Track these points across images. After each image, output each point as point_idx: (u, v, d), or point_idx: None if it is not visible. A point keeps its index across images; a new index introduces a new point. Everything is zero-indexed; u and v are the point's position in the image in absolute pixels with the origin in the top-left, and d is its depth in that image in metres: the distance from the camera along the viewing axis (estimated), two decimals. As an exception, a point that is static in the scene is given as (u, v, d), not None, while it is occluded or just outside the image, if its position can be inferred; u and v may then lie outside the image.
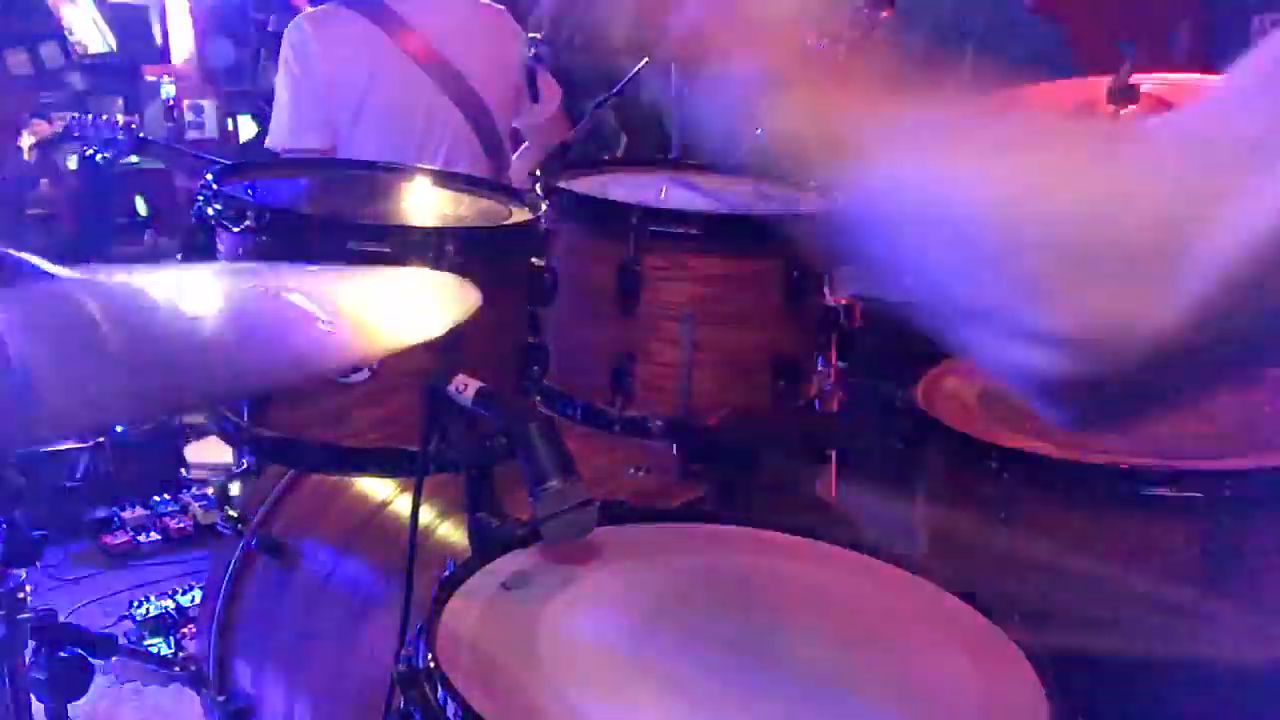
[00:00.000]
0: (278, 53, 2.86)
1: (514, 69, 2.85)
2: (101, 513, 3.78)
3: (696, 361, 1.65)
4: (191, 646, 2.73)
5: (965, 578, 1.21)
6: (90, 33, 5.05)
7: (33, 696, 1.27)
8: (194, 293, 1.02)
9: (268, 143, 2.85)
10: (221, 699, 1.83)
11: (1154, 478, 1.44)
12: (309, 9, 2.88)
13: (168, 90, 5.26)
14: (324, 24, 2.80)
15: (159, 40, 5.36)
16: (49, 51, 4.93)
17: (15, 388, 0.75)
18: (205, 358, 0.84)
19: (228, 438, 1.56)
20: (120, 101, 5.19)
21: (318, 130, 2.77)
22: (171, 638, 3.12)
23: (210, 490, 3.84)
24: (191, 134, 5.24)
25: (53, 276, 0.93)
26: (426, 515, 1.58)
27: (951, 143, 0.74)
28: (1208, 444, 1.56)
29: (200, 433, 3.83)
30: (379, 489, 1.75)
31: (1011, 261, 0.67)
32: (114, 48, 5.05)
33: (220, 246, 1.51)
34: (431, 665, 0.98)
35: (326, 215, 1.58)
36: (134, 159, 4.87)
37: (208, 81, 5.33)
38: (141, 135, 3.09)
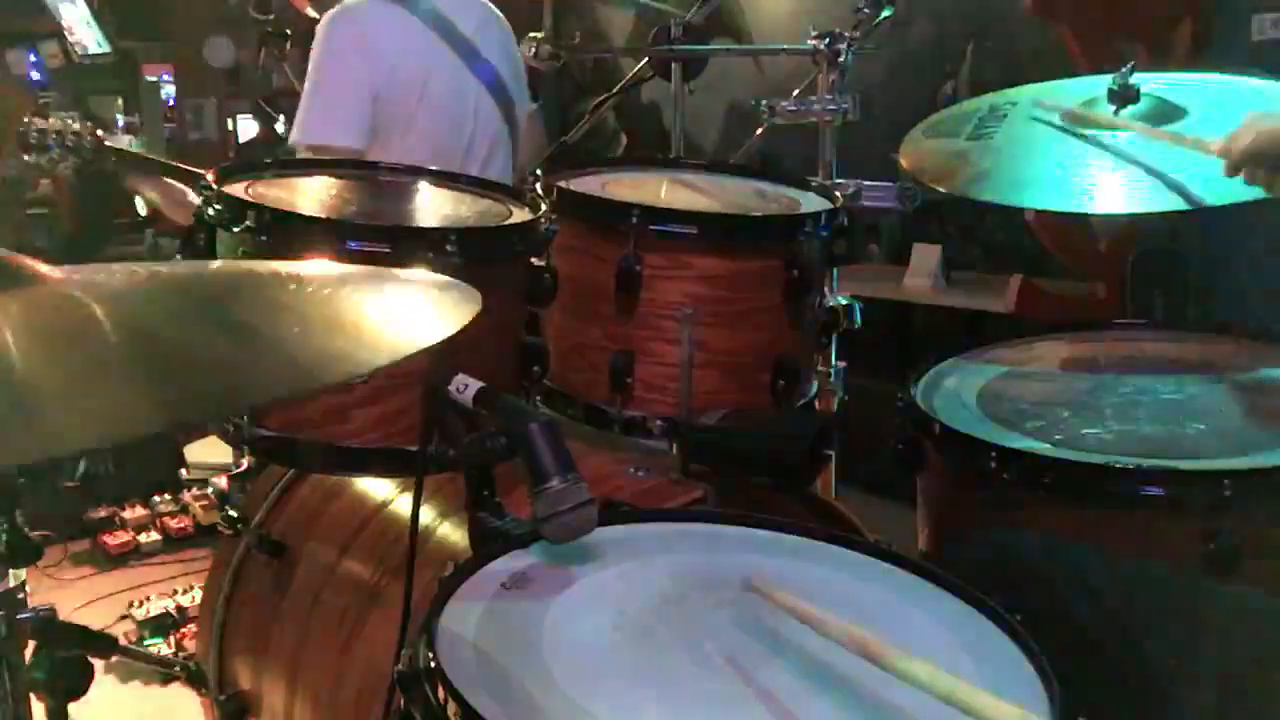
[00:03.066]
0: (278, 53, 2.82)
1: (520, 65, 2.82)
2: (102, 513, 3.79)
3: (696, 361, 1.65)
4: (191, 646, 2.73)
5: (965, 578, 1.21)
6: (88, 33, 5.05)
7: (33, 696, 1.26)
8: (195, 296, 1.02)
9: (291, 139, 2.61)
10: (221, 699, 1.84)
11: (1154, 478, 1.44)
12: (345, 2, 2.61)
13: (168, 90, 5.26)
14: (375, 17, 2.58)
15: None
16: (49, 51, 4.94)
17: (17, 400, 0.73)
18: (209, 366, 0.83)
19: (228, 438, 1.56)
20: (120, 101, 5.20)
21: (356, 129, 2.54)
22: (171, 638, 3.13)
23: (210, 490, 3.84)
24: (192, 134, 5.24)
25: (53, 277, 0.92)
26: (426, 515, 1.58)
27: None
28: (1208, 444, 1.56)
29: (200, 433, 3.84)
30: (379, 489, 1.75)
31: None
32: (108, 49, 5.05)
33: (220, 246, 1.51)
34: (432, 665, 0.98)
35: (326, 215, 1.58)
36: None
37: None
38: (107, 144, 2.95)
